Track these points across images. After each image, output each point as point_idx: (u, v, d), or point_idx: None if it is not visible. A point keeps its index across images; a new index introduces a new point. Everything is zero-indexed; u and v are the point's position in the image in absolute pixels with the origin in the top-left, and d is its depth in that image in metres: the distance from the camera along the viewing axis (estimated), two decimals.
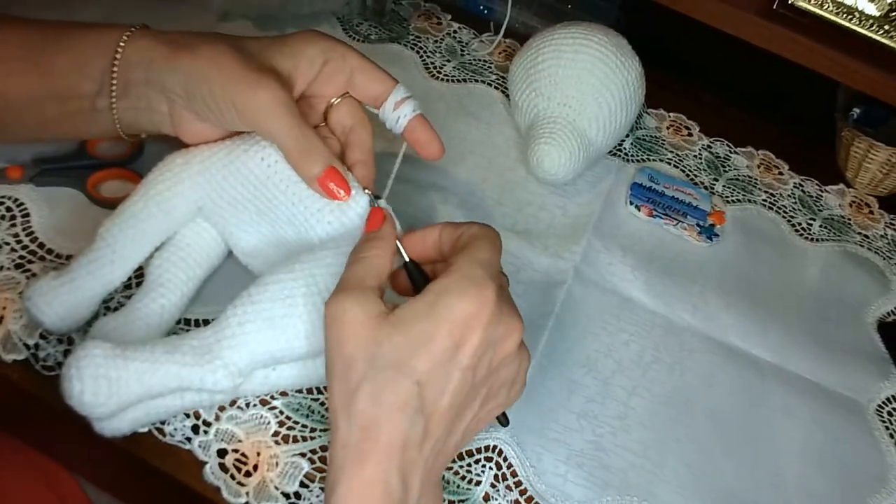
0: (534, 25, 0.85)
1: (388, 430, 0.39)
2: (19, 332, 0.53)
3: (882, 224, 0.78)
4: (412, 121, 0.53)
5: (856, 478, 0.59)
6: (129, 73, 0.49)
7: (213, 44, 0.49)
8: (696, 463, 0.57)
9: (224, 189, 0.53)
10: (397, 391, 0.40)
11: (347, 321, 0.41)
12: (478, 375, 0.42)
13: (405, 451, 0.40)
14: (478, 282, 0.41)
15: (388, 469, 0.39)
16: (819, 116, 0.82)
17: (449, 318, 0.40)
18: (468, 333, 0.41)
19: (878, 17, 0.66)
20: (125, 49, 0.49)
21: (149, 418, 0.49)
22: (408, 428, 0.40)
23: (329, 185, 0.49)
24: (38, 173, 0.60)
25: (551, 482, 0.54)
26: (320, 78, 0.52)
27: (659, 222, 0.72)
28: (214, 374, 0.47)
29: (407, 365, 0.40)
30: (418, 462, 0.41)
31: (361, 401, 0.40)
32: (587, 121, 0.69)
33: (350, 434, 0.40)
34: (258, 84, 0.48)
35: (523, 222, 0.69)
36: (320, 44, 0.52)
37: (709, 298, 0.67)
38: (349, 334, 0.41)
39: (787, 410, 0.61)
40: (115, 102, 0.50)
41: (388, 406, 0.40)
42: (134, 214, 0.53)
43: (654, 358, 0.62)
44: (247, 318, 0.47)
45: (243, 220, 0.54)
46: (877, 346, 0.67)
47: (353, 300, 0.41)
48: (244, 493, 0.49)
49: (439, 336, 0.40)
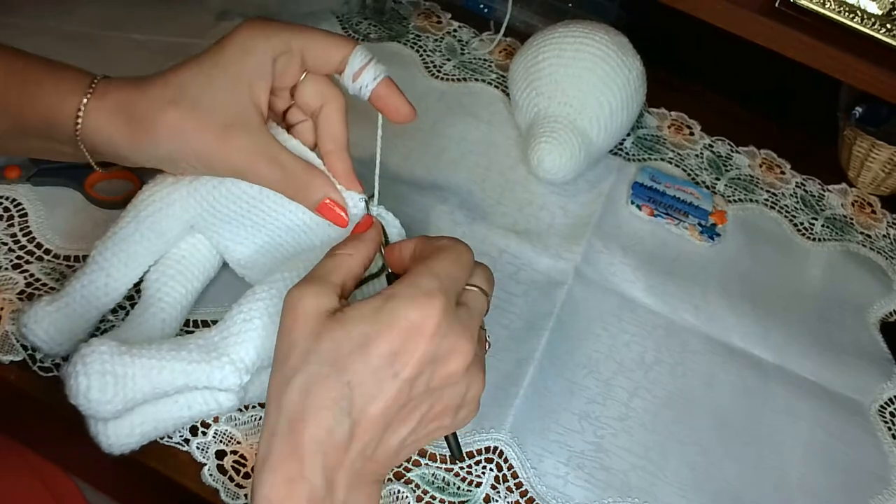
0: (534, 24, 0.85)
1: (312, 425, 0.39)
2: (17, 333, 0.53)
3: (884, 223, 0.78)
4: (377, 88, 0.49)
5: (858, 479, 0.58)
6: (95, 149, 0.48)
7: (167, 116, 0.46)
8: (697, 464, 0.57)
9: (216, 208, 0.52)
10: (327, 387, 0.39)
11: (299, 311, 0.41)
12: (415, 390, 0.41)
13: (329, 450, 0.39)
14: (426, 292, 0.40)
15: (312, 465, 0.39)
16: (821, 115, 0.82)
17: (390, 323, 0.40)
18: (408, 343, 0.40)
19: (880, 15, 0.66)
20: (82, 128, 0.47)
21: (157, 432, 0.49)
22: (333, 426, 0.39)
23: (328, 214, 0.49)
24: (35, 173, 0.60)
25: (552, 483, 0.54)
26: (279, 78, 0.49)
27: (660, 222, 0.71)
28: (222, 370, 0.46)
29: (341, 364, 0.39)
30: (344, 463, 0.40)
31: (293, 391, 0.40)
32: (588, 120, 0.69)
33: (278, 424, 0.40)
34: (228, 146, 0.47)
35: (524, 222, 0.69)
36: (258, 45, 0.47)
37: (710, 299, 0.67)
38: (297, 324, 0.41)
39: (789, 411, 0.61)
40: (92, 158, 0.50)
41: (316, 401, 0.39)
42: (126, 237, 0.52)
43: (656, 359, 0.62)
44: (252, 315, 0.47)
45: (239, 234, 0.53)
46: (879, 346, 0.67)
47: (309, 292, 0.41)
48: (242, 494, 0.49)
49: (378, 340, 0.39)
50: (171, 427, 0.49)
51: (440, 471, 0.53)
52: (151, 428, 0.48)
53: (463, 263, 0.44)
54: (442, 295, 0.40)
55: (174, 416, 0.48)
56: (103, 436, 0.46)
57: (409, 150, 0.72)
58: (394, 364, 0.40)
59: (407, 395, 0.40)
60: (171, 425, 0.49)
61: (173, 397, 0.48)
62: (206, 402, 0.48)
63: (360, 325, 0.40)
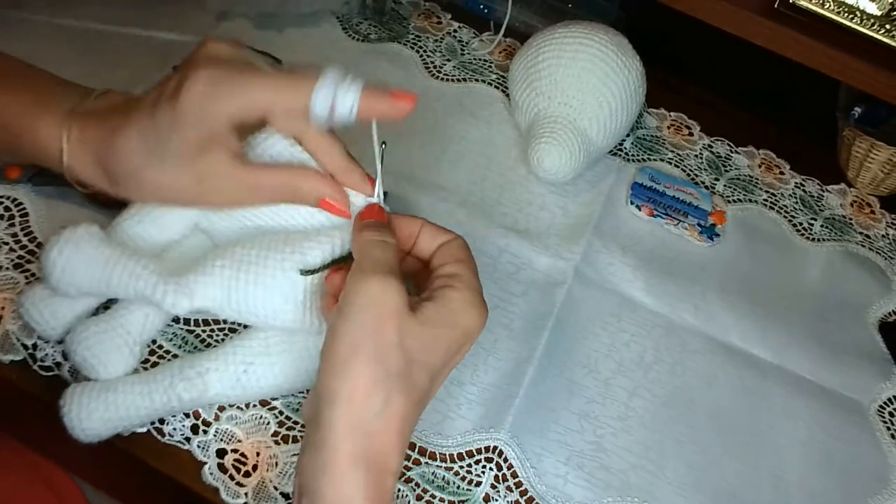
0: (534, 24, 0.85)
1: (411, 422, 0.42)
2: (17, 332, 0.53)
3: (883, 224, 0.78)
4: (360, 105, 0.45)
5: (857, 478, 0.59)
6: (87, 185, 0.50)
7: (143, 176, 0.47)
8: (696, 463, 0.57)
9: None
10: (420, 384, 0.42)
11: (392, 309, 0.41)
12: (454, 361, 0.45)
13: (409, 439, 0.43)
14: (482, 301, 0.45)
15: (400, 459, 0.42)
16: (820, 116, 0.82)
17: (466, 329, 0.44)
18: (467, 343, 0.44)
19: (879, 16, 0.66)
20: (69, 174, 0.48)
21: (120, 420, 0.49)
22: (417, 419, 0.43)
23: (330, 210, 0.49)
24: (36, 173, 0.60)
25: (552, 483, 0.54)
26: (238, 129, 0.47)
27: (660, 222, 0.72)
28: (166, 285, 0.47)
29: (428, 361, 0.42)
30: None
31: (395, 391, 0.41)
32: (588, 120, 0.69)
33: (384, 418, 0.40)
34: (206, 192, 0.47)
35: (523, 222, 0.69)
36: (214, 111, 0.45)
37: (710, 298, 0.67)
38: (392, 323, 0.41)
39: (788, 411, 0.61)
40: None
41: (413, 402, 0.42)
42: (128, 229, 0.52)
43: (655, 358, 0.62)
44: (221, 255, 0.48)
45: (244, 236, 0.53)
46: (878, 346, 0.67)
47: (396, 287, 0.42)
48: (243, 493, 0.49)
49: (454, 342, 0.43)
50: (133, 417, 0.49)
51: (440, 469, 0.53)
52: (114, 415, 0.48)
53: (474, 265, 0.47)
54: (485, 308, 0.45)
55: (136, 405, 0.49)
56: (68, 418, 0.48)
57: (409, 150, 0.72)
58: (455, 357, 0.44)
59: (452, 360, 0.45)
60: (134, 414, 0.49)
61: (136, 386, 0.49)
62: (166, 392, 0.49)
63: (442, 328, 0.43)
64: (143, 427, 0.51)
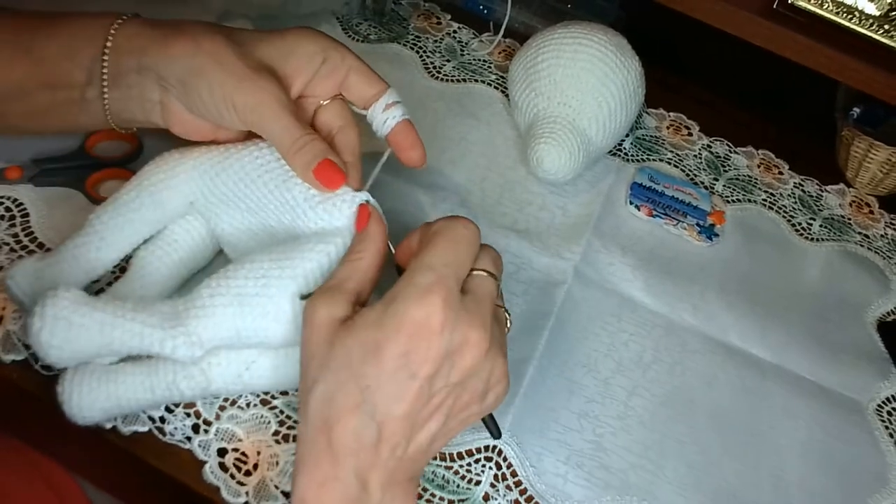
0: (534, 25, 0.85)
1: (338, 430, 0.40)
2: (19, 332, 0.53)
3: (882, 224, 0.78)
4: (399, 125, 0.53)
5: (856, 477, 0.59)
6: (121, 62, 0.49)
7: (211, 37, 0.48)
8: (696, 463, 0.57)
9: (217, 185, 0.53)
10: (346, 394, 0.40)
11: (315, 321, 0.43)
12: (435, 386, 0.41)
13: (359, 452, 0.40)
14: (424, 288, 0.40)
15: (344, 467, 0.40)
16: (819, 116, 0.82)
17: (397, 326, 0.40)
18: (418, 342, 0.40)
19: (877, 16, 0.66)
20: (115, 37, 0.48)
21: (120, 409, 0.49)
22: (359, 430, 0.40)
23: (323, 176, 0.49)
24: (37, 173, 0.60)
25: (551, 482, 0.54)
26: (316, 77, 0.52)
27: (659, 222, 0.72)
28: (174, 339, 0.46)
29: (357, 370, 0.40)
30: (376, 464, 0.41)
31: (315, 400, 0.41)
32: (587, 120, 0.69)
33: (306, 431, 0.42)
34: (258, 84, 0.48)
35: (523, 222, 0.69)
36: (319, 41, 0.51)
37: (709, 298, 0.67)
38: (312, 334, 0.43)
39: (787, 410, 0.61)
40: (107, 92, 0.49)
41: (338, 408, 0.40)
42: (125, 203, 0.52)
43: (655, 358, 0.62)
44: (218, 292, 0.47)
45: (235, 218, 0.54)
46: (877, 345, 0.67)
47: (322, 302, 0.43)
48: (244, 492, 0.49)
49: (388, 344, 0.40)
50: (134, 407, 0.49)
51: (440, 469, 0.53)
52: (114, 405, 0.48)
53: (461, 246, 0.44)
54: (441, 288, 0.40)
55: (138, 398, 0.48)
56: (67, 405, 0.47)
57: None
58: (409, 365, 0.40)
59: (428, 392, 0.41)
60: (135, 405, 0.49)
61: (138, 378, 0.48)
62: (168, 388, 0.49)
63: (367, 330, 0.41)
64: (144, 426, 0.51)
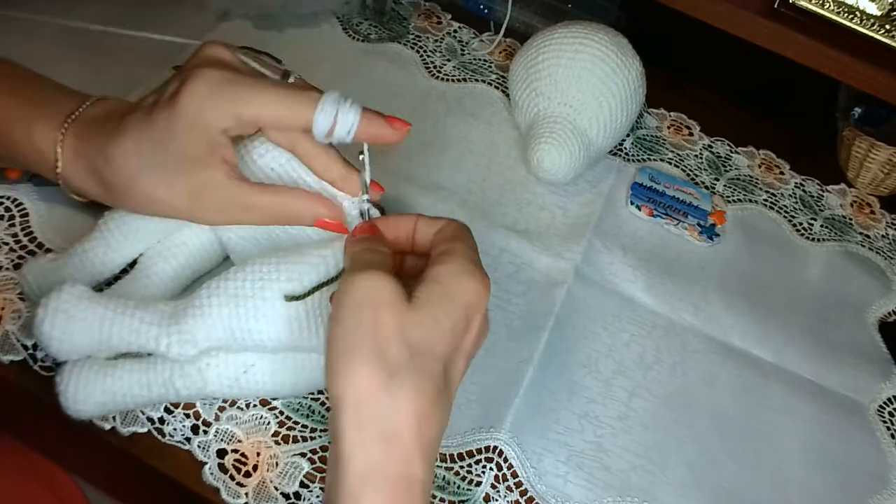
0: (534, 25, 0.85)
1: (431, 419, 0.39)
2: (17, 332, 0.53)
3: (883, 224, 0.78)
4: (358, 130, 0.46)
5: (857, 478, 0.59)
6: (83, 195, 0.49)
7: (137, 188, 0.45)
8: (697, 463, 0.57)
9: None
10: (431, 374, 0.39)
11: (384, 302, 0.39)
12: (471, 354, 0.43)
13: (437, 442, 0.40)
14: (477, 269, 0.42)
15: (427, 465, 0.39)
16: (820, 116, 0.82)
17: (464, 301, 0.41)
18: (475, 317, 0.42)
19: (879, 16, 0.66)
20: (64, 183, 0.48)
21: (116, 405, 0.49)
22: (441, 416, 0.40)
23: (327, 228, 0.49)
24: (36, 173, 0.60)
25: (552, 483, 0.54)
26: (234, 138, 0.47)
27: (660, 222, 0.72)
28: (169, 337, 0.47)
29: (434, 347, 0.40)
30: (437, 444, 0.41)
31: (404, 386, 0.38)
32: (588, 120, 0.69)
33: (396, 419, 0.38)
34: (199, 208, 0.46)
35: (524, 222, 0.69)
36: (206, 120, 0.44)
37: (710, 298, 0.67)
38: (386, 316, 0.39)
39: (788, 411, 0.61)
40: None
41: (428, 395, 0.39)
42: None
43: (656, 358, 0.62)
44: (215, 293, 0.47)
45: (240, 226, 0.53)
46: (878, 346, 0.67)
47: (385, 280, 0.40)
48: (243, 493, 0.49)
49: (457, 318, 0.41)
50: (129, 404, 0.49)
51: (440, 469, 0.53)
52: (110, 400, 0.48)
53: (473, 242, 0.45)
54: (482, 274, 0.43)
55: (134, 394, 0.49)
56: (63, 397, 0.48)
57: (408, 151, 0.72)
58: (465, 336, 0.42)
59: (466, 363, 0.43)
60: (131, 402, 0.49)
61: (135, 374, 0.48)
62: (164, 386, 0.49)
63: (440, 307, 0.40)
64: (143, 427, 0.51)
